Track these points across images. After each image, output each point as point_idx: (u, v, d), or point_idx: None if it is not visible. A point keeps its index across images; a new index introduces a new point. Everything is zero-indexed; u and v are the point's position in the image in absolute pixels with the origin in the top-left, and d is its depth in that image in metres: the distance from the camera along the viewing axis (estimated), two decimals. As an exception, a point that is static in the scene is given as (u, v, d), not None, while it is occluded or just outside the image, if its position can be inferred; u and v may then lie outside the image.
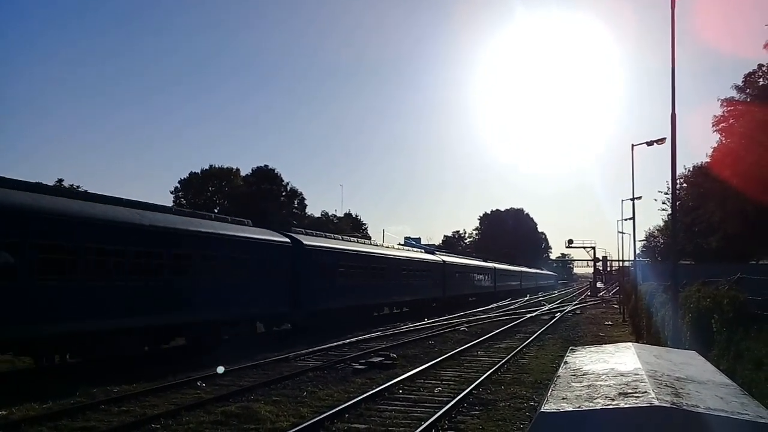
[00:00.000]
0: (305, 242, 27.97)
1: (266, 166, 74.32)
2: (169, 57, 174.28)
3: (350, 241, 36.86)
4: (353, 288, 32.01)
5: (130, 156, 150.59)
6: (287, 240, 26.76)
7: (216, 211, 71.79)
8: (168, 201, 74.73)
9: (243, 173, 74.67)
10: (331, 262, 29.86)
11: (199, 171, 74.69)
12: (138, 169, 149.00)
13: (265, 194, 71.23)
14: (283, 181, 74.56)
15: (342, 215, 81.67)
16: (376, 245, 42.86)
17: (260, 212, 63.64)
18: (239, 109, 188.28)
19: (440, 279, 47.25)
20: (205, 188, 74.59)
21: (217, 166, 74.59)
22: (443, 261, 50.00)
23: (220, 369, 16.26)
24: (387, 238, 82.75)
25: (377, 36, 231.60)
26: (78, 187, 52.22)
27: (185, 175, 75.28)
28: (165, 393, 14.54)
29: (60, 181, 51.44)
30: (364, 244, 39.46)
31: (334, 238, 35.12)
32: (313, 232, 33.64)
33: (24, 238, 14.65)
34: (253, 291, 23.18)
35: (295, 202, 75.81)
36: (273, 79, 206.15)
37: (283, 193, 74.64)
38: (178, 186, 74.94)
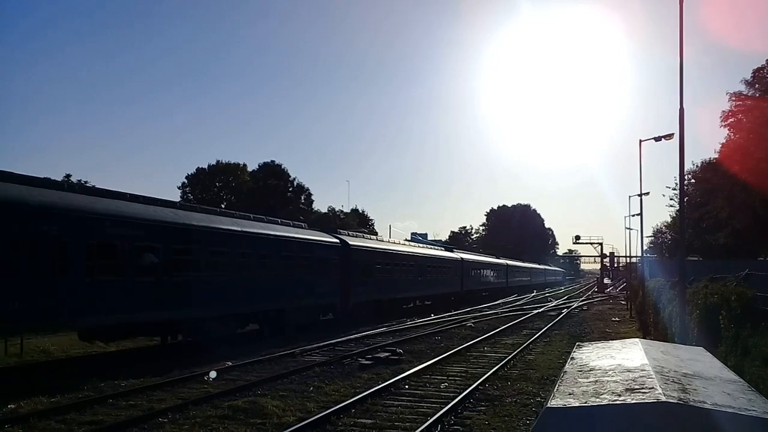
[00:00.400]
0: (351, 242, 31.69)
1: (273, 161, 74.54)
2: (176, 54, 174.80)
3: (383, 241, 40.68)
4: (388, 283, 35.65)
5: (137, 151, 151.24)
6: (337, 241, 30.40)
7: (223, 206, 72.05)
8: (175, 196, 75.03)
9: (250, 169, 74.81)
10: (371, 260, 33.45)
11: (206, 166, 74.91)
12: (145, 165, 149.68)
13: (272, 190, 71.34)
14: (289, 176, 74.71)
15: (349, 210, 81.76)
16: (405, 244, 46.37)
17: (267, 207, 63.77)
18: (246, 105, 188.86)
19: (459, 275, 49.94)
20: (212, 184, 74.74)
21: (224, 161, 74.77)
22: (461, 258, 52.67)
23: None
24: (394, 233, 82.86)
25: (384, 32, 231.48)
26: (86, 182, 52.48)
27: (192, 170, 75.56)
28: (172, 387, 14.61)
29: (68, 176, 51.64)
30: (396, 243, 42.60)
31: (370, 239, 39.30)
32: (354, 233, 38.06)
33: (165, 243, 18.55)
34: (313, 284, 26.72)
35: (302, 197, 75.92)
36: (280, 75, 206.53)
37: (290, 189, 74.74)
38: (185, 181, 75.18)
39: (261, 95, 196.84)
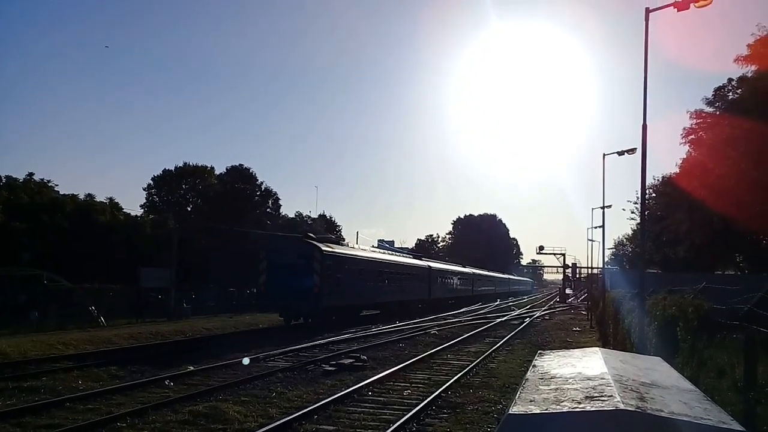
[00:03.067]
0: (433, 266, 55.98)
1: (241, 165, 73.60)
2: (144, 52, 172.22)
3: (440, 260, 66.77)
4: (451, 286, 62.00)
5: (101, 151, 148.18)
6: (424, 264, 54.35)
7: (189, 209, 71.08)
8: (141, 198, 73.84)
9: (217, 172, 73.93)
10: (440, 275, 57.84)
11: (172, 168, 73.82)
12: (110, 165, 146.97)
13: (240, 193, 70.62)
14: (257, 180, 73.91)
15: (316, 216, 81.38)
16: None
17: (234, 211, 63.16)
18: (214, 108, 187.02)
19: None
20: (179, 186, 73.68)
21: (191, 163, 73.77)
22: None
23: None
24: (361, 240, 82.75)
25: (353, 40, 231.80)
26: (48, 181, 51.34)
27: (158, 171, 74.39)
28: (132, 391, 14.38)
29: (30, 174, 50.41)
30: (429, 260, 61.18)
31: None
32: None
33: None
34: (414, 288, 48.80)
35: (270, 202, 75.16)
36: (248, 78, 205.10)
37: (258, 193, 73.99)
38: (151, 183, 73.99)
39: (230, 98, 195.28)
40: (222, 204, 65.91)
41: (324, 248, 32.47)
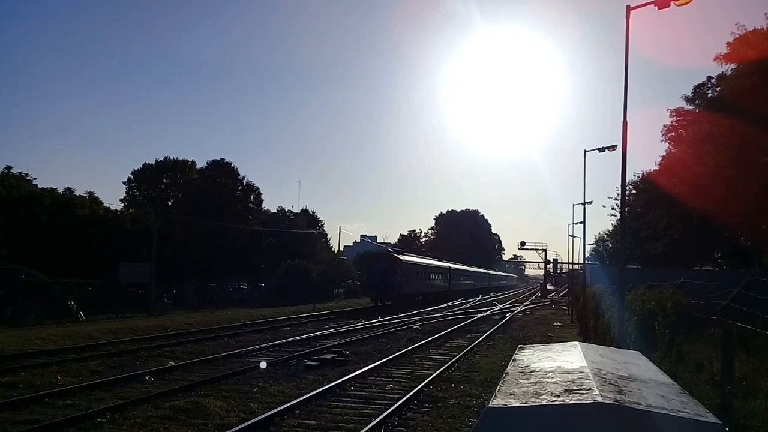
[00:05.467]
0: (452, 266, 72.04)
1: (222, 159, 73.14)
2: (124, 46, 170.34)
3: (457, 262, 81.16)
4: (466, 280, 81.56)
5: (81, 145, 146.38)
6: (445, 265, 68.85)
7: (170, 204, 70.48)
8: (121, 192, 73.15)
9: (198, 166, 73.41)
10: (458, 273, 74.75)
11: (153, 162, 73.20)
12: (90, 159, 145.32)
13: (221, 188, 70.21)
14: (239, 175, 73.49)
15: (299, 211, 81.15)
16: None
17: (216, 206, 62.77)
18: (196, 102, 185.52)
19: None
20: (159, 180, 73.09)
21: (172, 158, 73.17)
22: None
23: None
24: (344, 235, 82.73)
25: (338, 36, 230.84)
26: (26, 175, 50.69)
27: (139, 166, 73.76)
28: (112, 387, 14.28)
29: (9, 167, 49.78)
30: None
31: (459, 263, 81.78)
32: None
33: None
34: (440, 283, 64.48)
35: (251, 196, 74.79)
36: (231, 73, 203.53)
37: (239, 188, 73.59)
38: (131, 177, 73.32)
39: (212, 92, 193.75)
40: (203, 198, 65.51)
41: (402, 258, 52.20)
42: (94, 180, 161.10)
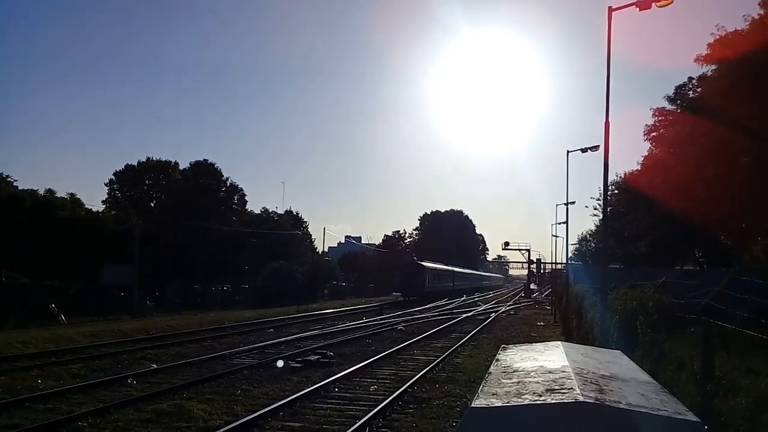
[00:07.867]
0: (456, 269, 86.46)
1: (206, 160, 72.61)
2: (108, 48, 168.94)
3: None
4: (468, 280, 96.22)
5: (62, 146, 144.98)
6: (450, 268, 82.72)
7: (152, 205, 69.95)
8: (102, 193, 72.49)
9: (181, 167, 72.88)
10: (459, 275, 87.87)
11: (135, 163, 72.58)
12: (71, 160, 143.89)
13: (204, 189, 69.77)
14: (222, 176, 73.02)
15: (283, 212, 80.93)
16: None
17: (199, 207, 62.33)
18: (179, 103, 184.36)
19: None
20: (142, 181, 72.51)
21: (154, 159, 72.59)
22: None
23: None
24: (328, 236, 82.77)
25: (325, 37, 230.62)
26: (6, 176, 50.08)
27: (121, 167, 73.12)
28: (94, 390, 14.14)
29: (-13, 169, 49.13)
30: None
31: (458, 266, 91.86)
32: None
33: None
34: (447, 283, 79.37)
35: (235, 197, 74.38)
36: (215, 75, 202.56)
37: (223, 189, 73.16)
38: (113, 178, 72.69)
39: (194, 94, 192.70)
40: (186, 200, 65.06)
41: (425, 264, 68.33)
42: (75, 181, 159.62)
